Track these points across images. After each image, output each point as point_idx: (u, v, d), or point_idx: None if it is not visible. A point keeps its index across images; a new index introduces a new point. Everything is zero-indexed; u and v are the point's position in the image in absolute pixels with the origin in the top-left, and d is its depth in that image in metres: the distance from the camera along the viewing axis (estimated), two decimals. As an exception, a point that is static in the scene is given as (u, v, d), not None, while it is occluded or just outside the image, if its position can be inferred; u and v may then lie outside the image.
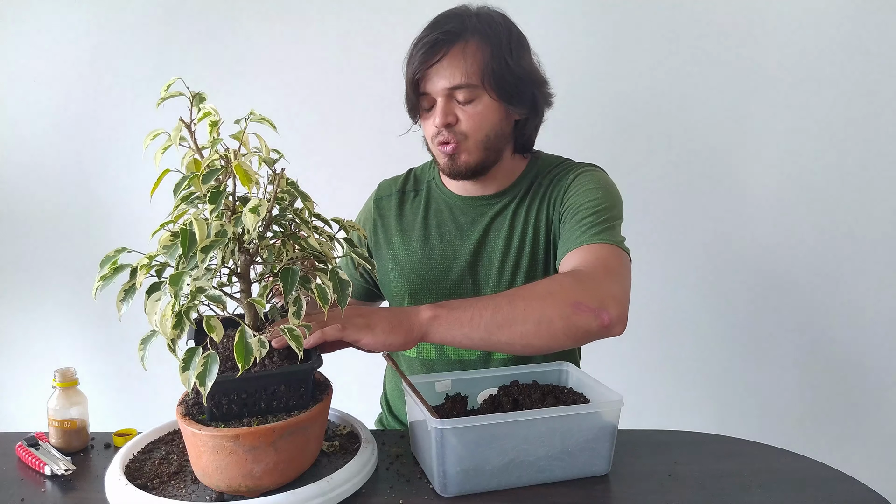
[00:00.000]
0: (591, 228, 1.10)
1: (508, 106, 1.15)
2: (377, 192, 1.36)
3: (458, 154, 1.15)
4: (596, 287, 0.98)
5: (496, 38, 1.12)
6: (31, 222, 1.92)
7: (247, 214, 0.77)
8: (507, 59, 1.12)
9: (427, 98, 1.15)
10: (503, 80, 1.12)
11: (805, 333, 1.84)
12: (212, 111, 0.83)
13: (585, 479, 0.93)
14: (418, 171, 1.36)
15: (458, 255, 1.23)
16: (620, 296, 0.99)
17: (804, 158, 1.77)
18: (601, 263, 1.04)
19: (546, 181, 1.22)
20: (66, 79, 1.85)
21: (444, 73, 1.11)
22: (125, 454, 0.95)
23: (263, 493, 0.83)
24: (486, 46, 1.11)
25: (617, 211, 1.16)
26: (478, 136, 1.14)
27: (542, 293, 0.97)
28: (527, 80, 1.15)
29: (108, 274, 0.81)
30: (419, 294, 1.24)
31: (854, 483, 0.92)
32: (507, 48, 1.12)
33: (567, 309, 0.94)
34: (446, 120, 1.12)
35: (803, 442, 1.69)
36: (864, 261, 1.79)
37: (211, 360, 0.77)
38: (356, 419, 1.06)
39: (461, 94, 1.12)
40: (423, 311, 0.96)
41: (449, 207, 1.27)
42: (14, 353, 1.98)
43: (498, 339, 0.95)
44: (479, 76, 1.11)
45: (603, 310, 0.95)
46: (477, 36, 1.11)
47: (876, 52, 1.71)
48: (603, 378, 1.02)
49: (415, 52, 1.13)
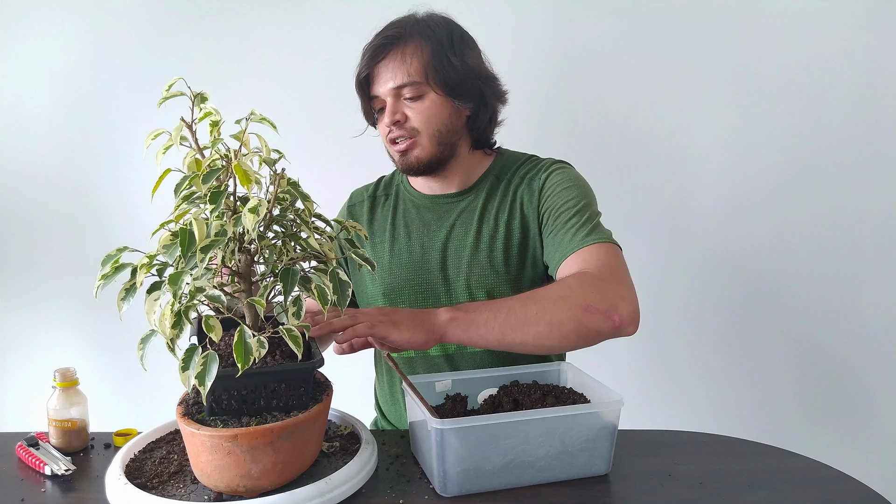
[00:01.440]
0: (580, 230, 1.12)
1: (455, 101, 1.19)
2: (349, 200, 1.40)
3: (410, 150, 1.20)
4: (605, 289, 1.01)
5: (436, 38, 1.19)
6: (32, 222, 1.92)
7: (246, 214, 0.77)
8: (448, 55, 1.18)
9: (378, 101, 1.21)
10: (447, 76, 1.17)
11: (805, 333, 1.84)
12: (212, 111, 0.83)
13: (585, 479, 0.93)
14: (387, 177, 1.41)
15: (427, 252, 1.26)
16: (629, 296, 1.02)
17: (802, 158, 1.77)
18: (604, 265, 1.06)
19: (516, 179, 1.25)
20: (67, 78, 1.86)
21: (387, 73, 1.18)
22: (125, 454, 0.95)
23: (262, 494, 0.83)
24: (426, 45, 1.18)
25: (594, 205, 1.20)
26: (429, 131, 1.19)
27: (553, 297, 1.00)
28: (471, 76, 1.20)
29: (109, 273, 0.81)
30: (392, 294, 1.26)
31: (854, 483, 0.92)
32: (449, 46, 1.19)
33: (577, 312, 0.98)
34: (394, 118, 1.18)
35: (803, 442, 1.69)
36: (863, 260, 1.79)
37: (210, 360, 0.77)
38: (357, 419, 1.06)
39: (407, 92, 1.18)
40: (441, 312, 1.00)
41: (416, 207, 1.30)
42: (14, 353, 1.98)
43: (512, 339, 0.99)
44: (422, 73, 1.17)
45: (613, 311, 0.99)
46: (417, 37, 1.18)
47: (876, 52, 1.71)
48: (603, 378, 1.02)
49: (361, 59, 1.21)
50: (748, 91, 1.75)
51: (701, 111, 1.77)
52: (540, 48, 1.77)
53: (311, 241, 0.84)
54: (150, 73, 1.83)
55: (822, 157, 1.76)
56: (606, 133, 1.80)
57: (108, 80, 1.85)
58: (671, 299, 1.85)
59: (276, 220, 0.86)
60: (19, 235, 1.93)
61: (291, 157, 0.93)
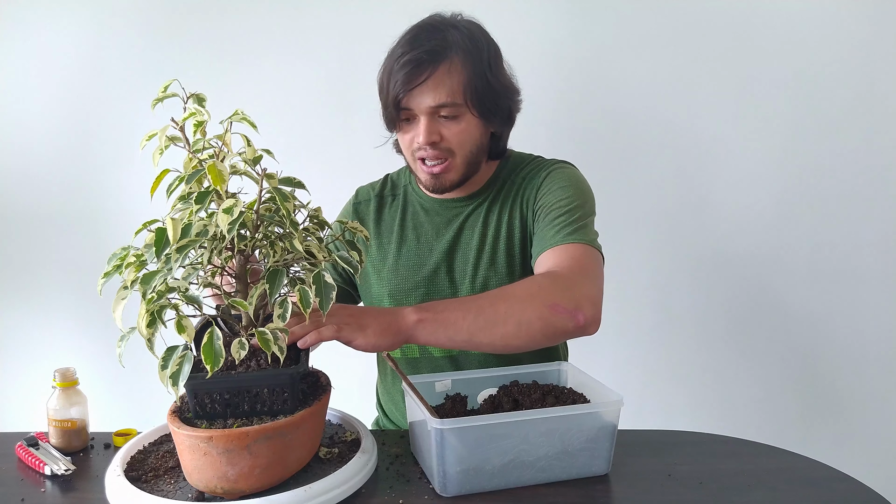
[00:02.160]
0: (564, 228, 1.12)
1: (487, 121, 1.17)
2: (355, 198, 1.38)
3: (444, 173, 1.17)
4: (572, 288, 1.02)
5: (477, 54, 1.14)
6: (32, 222, 1.92)
7: (220, 215, 0.77)
8: (487, 75, 1.14)
9: (407, 112, 1.15)
10: (484, 98, 1.14)
11: (805, 333, 1.84)
12: (196, 111, 0.83)
13: (585, 479, 0.93)
14: (394, 176, 1.38)
15: (433, 254, 1.25)
16: (595, 296, 1.03)
17: (801, 158, 1.77)
18: (576, 264, 1.07)
19: (518, 179, 1.25)
20: (67, 78, 1.85)
21: (428, 91, 1.12)
22: (125, 454, 0.95)
23: (241, 497, 0.82)
24: (468, 64, 1.12)
25: (589, 207, 1.18)
26: (462, 153, 1.16)
27: (521, 295, 1.01)
28: (503, 94, 1.18)
29: (111, 271, 0.81)
30: (398, 295, 1.26)
31: (854, 483, 0.92)
32: (487, 64, 1.14)
33: (545, 310, 0.98)
34: (431, 139, 1.13)
35: (803, 442, 1.69)
36: (863, 260, 1.79)
37: (185, 361, 0.77)
38: (363, 425, 1.04)
39: (444, 111, 1.13)
40: (408, 313, 0.97)
41: (425, 210, 1.29)
42: (14, 353, 1.98)
43: (480, 340, 0.99)
44: (461, 95, 1.12)
45: (578, 310, 0.99)
46: (460, 53, 1.12)
47: (876, 54, 1.71)
48: (603, 378, 1.02)
49: (396, 70, 1.12)
50: (752, 92, 1.75)
51: (705, 111, 1.77)
52: (543, 48, 1.77)
53: (295, 242, 0.82)
54: (151, 72, 1.83)
55: (821, 157, 1.76)
56: (609, 132, 1.79)
57: (109, 79, 1.85)
58: (672, 299, 1.85)
59: (268, 221, 0.85)
60: (19, 235, 1.93)
61: (292, 157, 0.93)
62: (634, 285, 1.84)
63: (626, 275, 1.81)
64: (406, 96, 1.12)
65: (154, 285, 0.76)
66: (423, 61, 1.11)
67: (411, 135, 1.16)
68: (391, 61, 1.14)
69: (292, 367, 0.85)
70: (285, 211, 0.82)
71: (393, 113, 1.15)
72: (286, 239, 0.85)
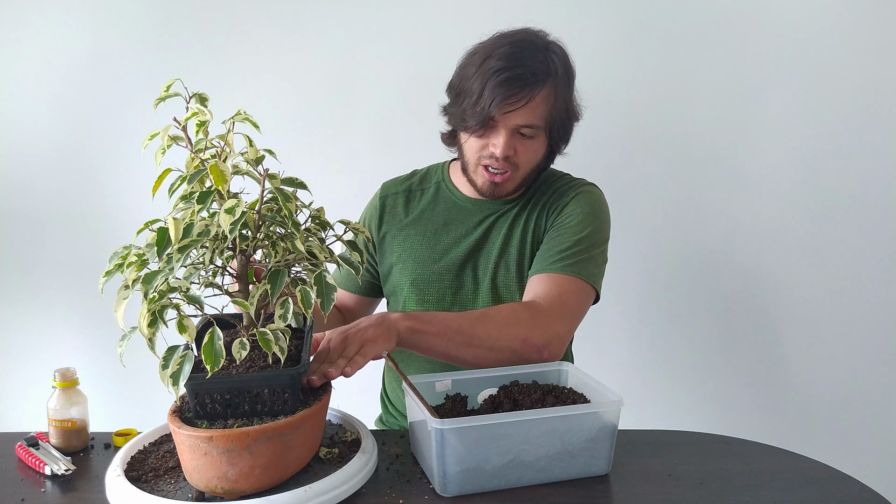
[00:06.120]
0: (566, 258, 1.19)
1: (555, 144, 1.24)
2: (382, 191, 1.40)
3: (504, 182, 1.23)
4: (546, 326, 1.11)
5: (568, 84, 1.20)
6: (32, 222, 1.92)
7: (221, 215, 0.77)
8: (567, 107, 1.20)
9: (491, 121, 1.17)
10: (560, 124, 1.21)
11: (805, 333, 1.84)
12: (198, 111, 0.83)
13: (585, 479, 0.93)
14: (424, 171, 1.41)
15: (460, 249, 1.29)
16: (564, 335, 1.14)
17: (802, 158, 1.77)
18: (558, 300, 1.15)
19: (549, 192, 1.30)
20: (68, 78, 1.85)
21: (522, 112, 1.15)
22: (125, 454, 0.95)
23: (242, 497, 0.82)
24: (560, 92, 1.18)
25: (601, 237, 1.24)
26: (526, 168, 1.23)
27: (501, 322, 1.10)
28: (573, 120, 1.25)
29: (113, 269, 0.81)
30: (422, 285, 1.30)
31: (854, 483, 0.92)
32: (570, 95, 1.21)
33: (516, 342, 1.09)
34: (507, 153, 1.18)
35: (803, 442, 1.69)
36: (863, 259, 1.79)
37: (185, 361, 0.77)
38: (363, 425, 1.04)
39: (526, 130, 1.18)
40: (399, 320, 1.05)
41: (457, 207, 1.33)
42: (14, 353, 1.98)
43: (455, 355, 1.09)
44: (544, 120, 1.18)
45: (545, 348, 1.11)
46: (558, 80, 1.17)
47: (876, 54, 1.71)
48: (603, 378, 1.02)
49: (495, 85, 1.13)
50: (752, 92, 1.75)
51: (705, 111, 1.77)
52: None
53: (297, 243, 0.83)
54: (153, 72, 1.83)
55: (821, 157, 1.76)
56: (609, 132, 1.79)
57: (109, 79, 1.85)
58: (672, 299, 1.85)
59: (270, 221, 0.85)
60: (19, 235, 1.93)
61: (294, 157, 0.92)
62: (635, 285, 1.84)
63: (627, 275, 1.81)
64: (498, 112, 1.15)
65: (156, 285, 0.76)
66: (527, 83, 1.14)
67: (485, 142, 1.20)
68: (488, 73, 1.15)
69: (293, 367, 0.85)
70: (287, 211, 0.82)
71: (477, 122, 1.16)
72: (288, 239, 0.84)
